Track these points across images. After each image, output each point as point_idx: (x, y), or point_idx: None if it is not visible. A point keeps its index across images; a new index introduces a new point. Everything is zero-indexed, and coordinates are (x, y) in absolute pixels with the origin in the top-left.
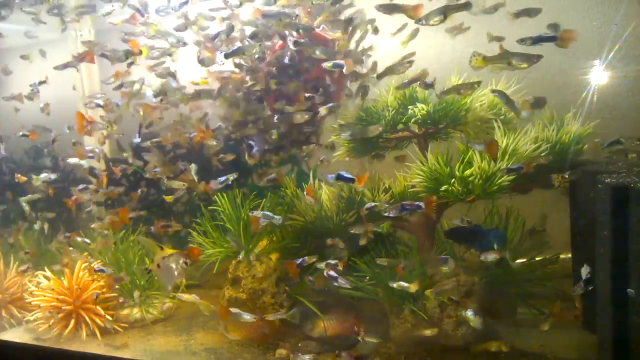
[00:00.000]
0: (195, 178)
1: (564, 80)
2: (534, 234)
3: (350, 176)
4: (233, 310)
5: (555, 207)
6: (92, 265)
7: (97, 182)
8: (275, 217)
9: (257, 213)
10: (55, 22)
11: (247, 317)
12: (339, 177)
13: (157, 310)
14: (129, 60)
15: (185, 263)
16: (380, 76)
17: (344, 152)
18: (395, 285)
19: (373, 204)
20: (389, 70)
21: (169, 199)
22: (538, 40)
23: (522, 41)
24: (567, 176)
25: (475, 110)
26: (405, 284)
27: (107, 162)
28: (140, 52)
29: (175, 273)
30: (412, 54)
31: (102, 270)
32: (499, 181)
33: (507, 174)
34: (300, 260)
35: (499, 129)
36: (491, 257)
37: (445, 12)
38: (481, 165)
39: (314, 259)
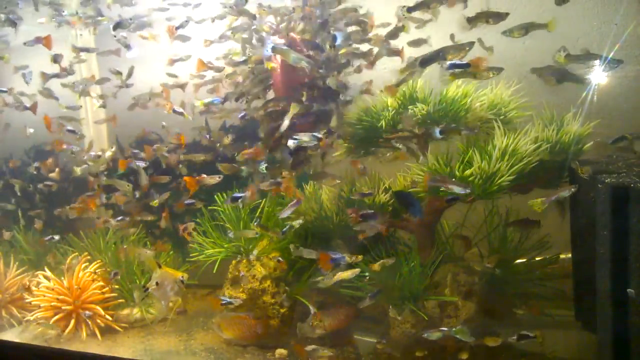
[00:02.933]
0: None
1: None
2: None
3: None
4: None
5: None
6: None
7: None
8: None
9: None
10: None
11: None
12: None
13: (157, 311)
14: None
15: (182, 282)
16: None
17: (344, 152)
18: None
19: None
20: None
21: (154, 203)
22: (452, 67)
23: (444, 67)
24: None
25: (475, 110)
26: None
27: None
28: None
29: (172, 292)
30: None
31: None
32: (499, 181)
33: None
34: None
35: (499, 129)
36: None
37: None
38: (481, 166)
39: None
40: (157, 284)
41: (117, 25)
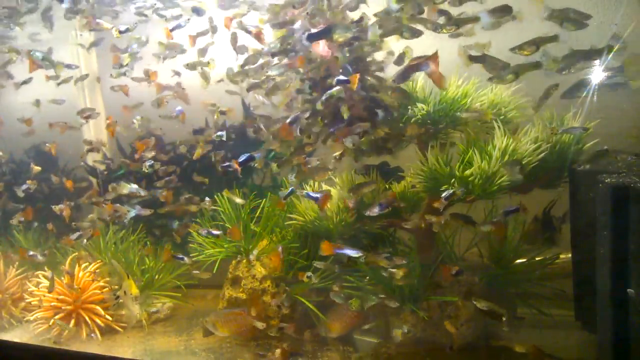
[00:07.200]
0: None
1: (564, 80)
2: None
3: None
4: None
5: (555, 207)
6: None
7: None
8: None
9: None
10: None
11: None
12: None
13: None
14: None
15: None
16: None
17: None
18: None
19: None
20: None
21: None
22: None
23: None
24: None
25: (475, 110)
26: None
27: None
28: None
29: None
30: None
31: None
32: (499, 181)
33: None
34: None
35: (499, 129)
36: None
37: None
38: (481, 166)
39: None
40: (125, 292)
41: None
